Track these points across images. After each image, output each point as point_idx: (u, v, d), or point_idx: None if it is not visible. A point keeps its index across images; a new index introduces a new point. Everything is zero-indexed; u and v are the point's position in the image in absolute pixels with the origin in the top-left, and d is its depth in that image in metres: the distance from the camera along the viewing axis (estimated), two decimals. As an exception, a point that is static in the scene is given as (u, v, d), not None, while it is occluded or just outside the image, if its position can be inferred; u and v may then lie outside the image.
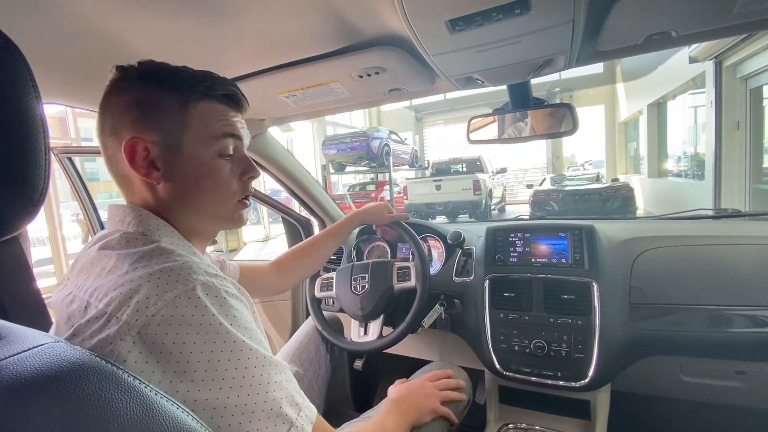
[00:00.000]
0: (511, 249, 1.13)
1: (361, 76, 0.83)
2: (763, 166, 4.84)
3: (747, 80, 4.87)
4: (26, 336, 0.32)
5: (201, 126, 0.50)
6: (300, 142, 11.70)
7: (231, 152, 0.53)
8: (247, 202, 0.57)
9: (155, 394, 0.32)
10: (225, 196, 0.53)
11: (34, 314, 0.70)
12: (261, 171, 1.33)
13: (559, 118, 0.97)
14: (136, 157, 0.47)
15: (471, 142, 1.10)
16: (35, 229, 5.74)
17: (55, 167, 1.43)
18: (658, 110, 8.59)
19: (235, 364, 0.39)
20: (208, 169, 0.51)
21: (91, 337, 0.36)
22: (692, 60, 5.39)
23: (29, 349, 0.30)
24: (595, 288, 0.97)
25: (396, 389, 0.81)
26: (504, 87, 0.99)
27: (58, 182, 4.91)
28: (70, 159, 1.42)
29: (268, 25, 0.68)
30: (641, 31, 0.68)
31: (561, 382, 0.96)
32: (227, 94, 0.53)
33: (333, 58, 0.78)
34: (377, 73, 0.82)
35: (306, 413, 0.44)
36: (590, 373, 0.93)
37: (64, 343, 0.34)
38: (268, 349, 0.43)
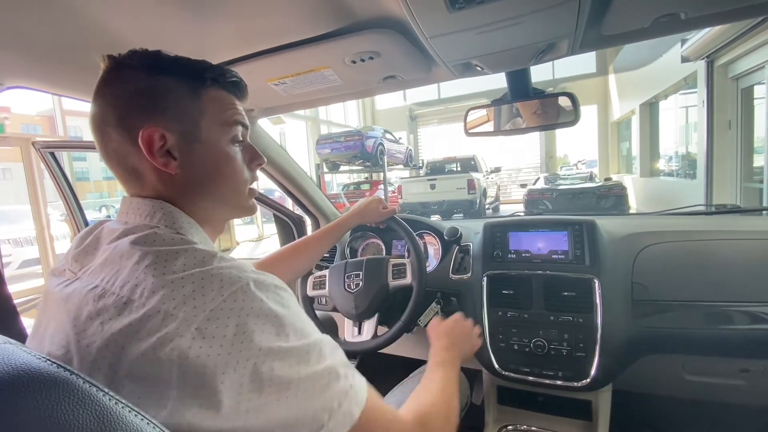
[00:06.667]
0: (510, 245, 1.10)
1: (354, 62, 0.79)
2: (754, 165, 4.88)
3: (738, 80, 4.92)
4: None
5: (215, 113, 0.49)
6: (293, 141, 11.59)
7: (241, 139, 0.53)
8: (255, 190, 0.57)
9: (115, 403, 0.28)
10: (240, 183, 0.53)
11: (4, 319, 0.65)
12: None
13: (560, 109, 0.94)
14: (153, 147, 0.45)
15: (468, 134, 1.07)
16: (23, 229, 5.62)
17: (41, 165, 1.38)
18: (650, 110, 8.65)
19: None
20: (226, 156, 0.50)
21: (147, 335, 0.36)
22: (684, 59, 5.42)
23: None
24: (596, 284, 0.94)
25: (441, 332, 0.81)
26: (501, 87, 0.95)
27: (46, 182, 4.80)
28: (52, 154, 1.36)
29: (256, 6, 0.63)
30: (649, 13, 0.65)
31: (562, 382, 0.93)
32: (235, 81, 0.52)
33: (324, 42, 0.73)
34: (371, 58, 0.78)
35: (356, 386, 0.45)
36: (592, 372, 0.90)
37: (13, 345, 0.30)
38: (316, 330, 0.45)
